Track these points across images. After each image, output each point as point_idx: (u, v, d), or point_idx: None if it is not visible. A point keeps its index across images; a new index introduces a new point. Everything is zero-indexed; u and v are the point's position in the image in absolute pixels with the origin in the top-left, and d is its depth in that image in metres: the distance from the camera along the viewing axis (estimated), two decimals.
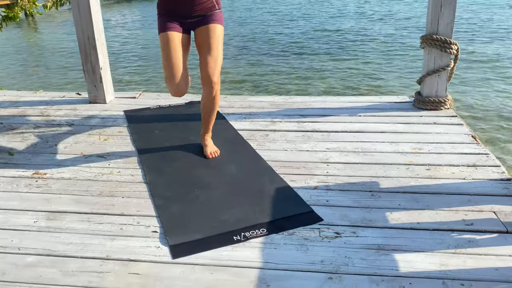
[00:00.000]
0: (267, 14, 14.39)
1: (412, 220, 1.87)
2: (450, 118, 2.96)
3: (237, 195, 2.11)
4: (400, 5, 14.66)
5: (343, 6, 15.04)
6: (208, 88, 2.38)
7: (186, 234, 1.82)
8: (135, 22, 14.42)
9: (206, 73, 2.33)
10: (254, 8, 15.65)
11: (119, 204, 2.07)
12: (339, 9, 14.76)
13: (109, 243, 1.78)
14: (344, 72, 7.87)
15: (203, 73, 2.35)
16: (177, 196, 2.13)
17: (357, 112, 3.14)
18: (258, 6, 15.85)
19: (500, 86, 6.47)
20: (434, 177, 2.22)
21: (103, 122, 3.12)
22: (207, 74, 2.32)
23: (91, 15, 3.24)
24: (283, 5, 15.95)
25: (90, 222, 1.93)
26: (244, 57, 9.46)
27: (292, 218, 1.91)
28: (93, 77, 3.42)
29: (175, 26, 2.31)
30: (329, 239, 1.76)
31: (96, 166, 2.46)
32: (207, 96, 2.43)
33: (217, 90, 2.41)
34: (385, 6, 14.81)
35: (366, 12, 14.03)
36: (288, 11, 14.49)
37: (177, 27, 2.32)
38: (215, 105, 2.49)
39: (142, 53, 9.90)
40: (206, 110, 2.53)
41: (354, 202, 2.01)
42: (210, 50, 2.33)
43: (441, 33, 2.96)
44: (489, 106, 5.48)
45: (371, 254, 1.66)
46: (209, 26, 2.34)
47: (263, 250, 1.71)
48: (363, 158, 2.44)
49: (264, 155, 2.52)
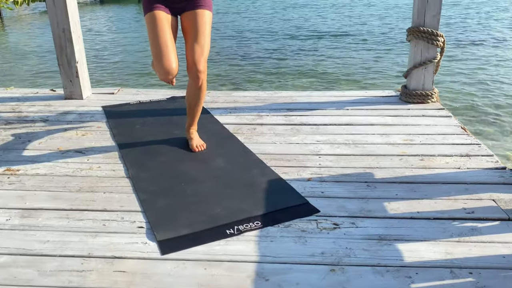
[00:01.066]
0: (247, 17, 14.38)
1: (412, 209, 1.80)
2: (438, 111, 2.93)
3: (227, 188, 2.00)
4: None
5: (324, 6, 15.27)
6: (193, 76, 2.24)
7: (175, 229, 1.70)
8: (109, 23, 14.14)
9: (192, 60, 2.19)
10: (233, 11, 15.65)
11: (100, 199, 1.92)
12: (320, 8, 14.97)
13: (91, 240, 1.64)
14: (327, 68, 7.89)
15: (189, 61, 2.21)
16: (163, 190, 2.00)
17: (344, 106, 3.08)
18: (239, 9, 15.87)
19: (483, 78, 6.59)
20: (429, 167, 2.16)
21: (80, 117, 2.96)
22: (193, 61, 2.19)
23: (67, 6, 3.08)
24: (263, 7, 16.00)
25: (69, 219, 1.78)
26: (225, 55, 9.37)
27: (287, 210, 1.81)
28: (68, 72, 3.25)
29: (162, 7, 2.20)
30: (328, 230, 1.67)
31: (74, 161, 2.31)
32: (192, 86, 2.30)
33: (204, 79, 2.27)
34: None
35: (346, 10, 14.22)
36: (268, 14, 14.54)
37: (164, 8, 2.20)
38: (201, 95, 2.36)
39: (118, 52, 9.68)
40: (191, 101, 2.40)
41: (350, 193, 1.93)
42: (197, 37, 2.20)
43: (427, 25, 2.93)
44: (472, 99, 5.54)
45: (373, 245, 1.58)
46: (196, 11, 2.23)
47: (259, 243, 1.61)
48: (354, 150, 2.37)
49: (253, 148, 2.42)
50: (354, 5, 15.38)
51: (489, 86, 6.34)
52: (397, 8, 14.42)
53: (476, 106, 5.27)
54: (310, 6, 15.57)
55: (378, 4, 15.21)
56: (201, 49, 2.20)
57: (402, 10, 13.96)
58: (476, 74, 7.10)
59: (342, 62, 8.30)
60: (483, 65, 7.40)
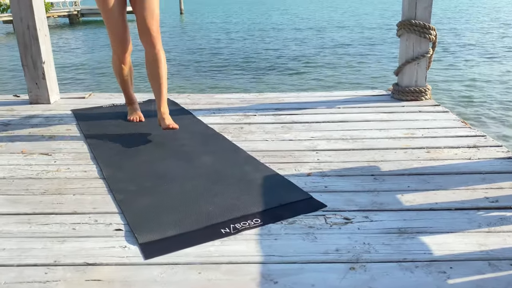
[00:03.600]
0: (233, 22, 14.36)
1: (429, 200, 1.59)
2: (434, 107, 2.79)
3: (218, 185, 1.75)
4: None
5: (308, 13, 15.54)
6: (148, 43, 2.21)
7: (160, 230, 1.43)
8: (79, 41, 13.81)
9: (143, 26, 2.17)
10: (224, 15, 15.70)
11: (69, 202, 1.64)
12: (305, 16, 15.17)
13: (57, 246, 1.35)
14: (311, 71, 7.84)
15: (140, 28, 2.19)
16: (143, 190, 1.73)
17: (335, 105, 2.90)
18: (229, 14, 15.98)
19: (467, 73, 6.61)
20: (437, 158, 1.98)
21: (46, 121, 2.66)
22: (146, 26, 2.17)
23: (32, 1, 2.81)
24: (251, 13, 16.19)
25: (31, 224, 1.48)
26: (210, 59, 9.20)
27: (289, 205, 1.57)
28: (34, 73, 2.96)
29: None
30: (339, 225, 1.44)
31: (38, 163, 2.01)
32: (150, 54, 2.24)
33: (160, 45, 2.24)
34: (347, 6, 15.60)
35: (331, 17, 14.43)
36: (254, 20, 14.59)
37: None
38: (161, 65, 2.26)
39: (88, 63, 9.36)
40: (152, 74, 2.28)
41: (357, 186, 1.72)
42: (145, 3, 2.16)
43: (419, 18, 2.81)
44: (462, 94, 5.51)
45: (394, 239, 1.36)
46: None
47: (260, 242, 1.36)
48: (354, 145, 2.17)
49: (243, 146, 2.19)
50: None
51: (476, 81, 6.35)
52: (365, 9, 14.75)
53: (467, 101, 5.22)
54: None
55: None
56: (151, 14, 2.17)
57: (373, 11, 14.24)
58: (461, 69, 7.13)
59: (328, 66, 8.29)
60: (464, 60, 7.48)
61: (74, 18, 23.50)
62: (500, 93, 5.79)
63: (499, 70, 7.30)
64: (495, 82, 6.40)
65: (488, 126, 4.65)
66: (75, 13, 23.60)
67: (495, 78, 6.70)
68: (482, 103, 5.37)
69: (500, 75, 6.85)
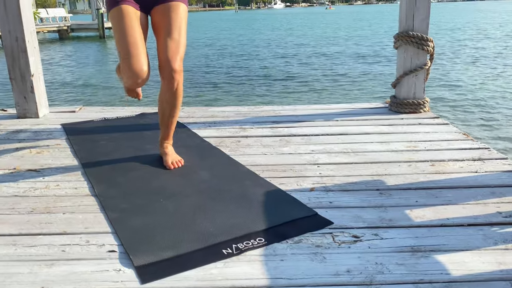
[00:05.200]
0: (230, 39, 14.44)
1: (440, 216, 1.52)
2: (434, 119, 2.74)
3: (216, 202, 1.66)
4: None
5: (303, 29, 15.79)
6: (168, 77, 1.87)
7: (156, 252, 1.33)
8: (69, 56, 13.72)
9: (165, 58, 1.84)
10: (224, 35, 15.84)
11: (59, 221, 1.53)
12: (300, 32, 15.42)
13: (45, 271, 1.24)
14: (302, 85, 7.85)
15: (162, 59, 1.86)
16: (137, 207, 1.63)
17: (333, 117, 2.84)
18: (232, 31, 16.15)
19: (463, 84, 6.63)
20: (443, 172, 1.91)
21: (35, 135, 2.55)
22: (167, 59, 1.84)
23: (21, 12, 2.73)
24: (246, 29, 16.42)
25: (16, 246, 1.38)
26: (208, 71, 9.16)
27: (294, 223, 1.49)
28: (22, 86, 2.86)
29: (131, 1, 1.88)
30: (348, 244, 1.36)
31: (25, 180, 1.90)
32: (167, 89, 1.93)
33: (180, 81, 1.91)
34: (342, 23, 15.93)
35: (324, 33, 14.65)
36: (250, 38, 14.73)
37: (133, 3, 1.89)
38: (177, 101, 1.97)
39: (78, 78, 9.26)
40: (165, 108, 2.01)
41: (363, 202, 1.64)
42: (171, 32, 1.87)
43: (416, 30, 2.78)
44: (457, 105, 5.51)
45: (407, 258, 1.28)
46: (169, 4, 1.91)
47: (266, 263, 1.27)
48: (355, 158, 2.10)
49: (241, 160, 2.10)
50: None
51: (473, 91, 6.36)
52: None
53: (464, 111, 5.22)
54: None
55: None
56: (176, 46, 1.87)
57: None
58: (455, 80, 7.16)
59: (324, 79, 8.32)
60: (459, 70, 7.55)
61: (64, 33, 23.40)
62: (499, 106, 5.81)
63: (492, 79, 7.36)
64: (491, 95, 6.44)
65: (487, 138, 4.63)
66: (65, 28, 23.51)
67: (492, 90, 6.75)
68: (479, 115, 5.38)
69: (493, 85, 6.91)
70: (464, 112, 5.62)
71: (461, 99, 6.38)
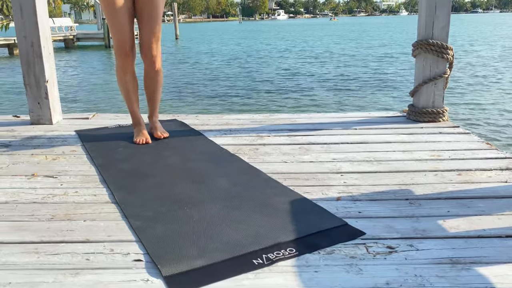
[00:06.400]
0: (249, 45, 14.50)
1: (475, 227, 1.46)
2: (454, 128, 2.69)
3: (239, 210, 1.61)
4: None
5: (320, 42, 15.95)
6: (149, 61, 2.37)
7: (184, 261, 1.28)
8: (75, 65, 13.78)
9: (148, 42, 2.32)
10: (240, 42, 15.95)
11: (80, 229, 1.49)
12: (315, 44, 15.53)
13: (70, 280, 1.19)
14: (320, 93, 7.84)
15: (145, 46, 2.34)
16: (161, 215, 1.58)
17: (350, 126, 2.80)
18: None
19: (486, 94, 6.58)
20: (471, 181, 1.86)
21: (49, 142, 2.52)
22: (150, 44, 2.32)
23: (37, 18, 2.71)
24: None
25: (39, 254, 1.33)
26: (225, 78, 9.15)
27: (324, 233, 1.43)
28: (36, 93, 2.83)
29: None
30: (383, 255, 1.30)
31: (43, 187, 1.86)
32: (149, 70, 2.42)
33: (160, 61, 2.42)
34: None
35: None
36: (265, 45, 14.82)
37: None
38: (159, 78, 2.47)
39: (86, 85, 9.26)
40: (150, 87, 2.49)
41: (394, 212, 1.58)
42: (152, 22, 2.29)
43: (436, 38, 2.75)
44: (476, 114, 5.46)
45: (447, 270, 1.22)
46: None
47: (300, 274, 1.21)
48: (379, 167, 2.05)
49: (261, 168, 2.06)
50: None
51: (487, 102, 6.29)
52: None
53: (480, 120, 5.16)
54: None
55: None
56: (156, 35, 2.34)
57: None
58: (468, 89, 7.11)
59: (342, 88, 8.33)
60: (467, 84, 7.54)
61: (69, 42, 23.57)
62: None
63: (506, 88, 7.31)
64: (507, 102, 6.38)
65: (509, 147, 4.57)
66: (70, 38, 23.68)
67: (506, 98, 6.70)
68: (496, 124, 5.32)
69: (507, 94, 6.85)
70: (480, 121, 5.56)
71: (478, 108, 6.32)
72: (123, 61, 2.34)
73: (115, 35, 2.27)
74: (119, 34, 2.26)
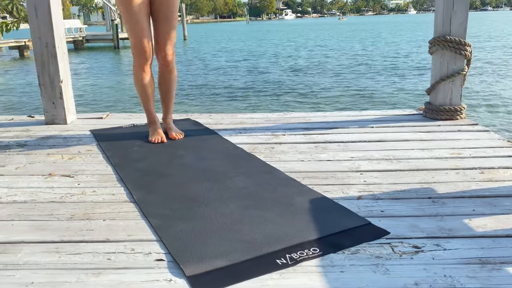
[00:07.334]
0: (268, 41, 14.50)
1: (503, 226, 1.43)
2: (473, 126, 2.64)
3: (259, 209, 1.58)
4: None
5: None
6: (164, 62, 2.38)
7: (207, 261, 1.26)
8: (85, 66, 13.87)
9: (163, 43, 2.33)
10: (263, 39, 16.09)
11: (100, 228, 1.47)
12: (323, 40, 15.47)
13: (92, 280, 1.18)
14: (336, 91, 7.83)
15: (160, 48, 2.35)
16: (179, 214, 1.56)
17: (366, 124, 2.76)
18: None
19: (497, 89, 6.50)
20: (495, 179, 1.82)
21: (65, 141, 2.52)
22: (165, 45, 2.33)
23: (52, 18, 2.72)
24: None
25: (60, 254, 1.32)
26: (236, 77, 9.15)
27: (348, 232, 1.41)
28: (51, 93, 2.84)
29: None
30: (410, 255, 1.27)
31: (61, 186, 1.85)
32: (164, 71, 2.44)
33: (174, 62, 2.42)
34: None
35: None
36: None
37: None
38: (174, 78, 2.48)
39: (98, 86, 9.31)
40: (164, 87, 2.49)
41: (417, 211, 1.55)
42: (168, 24, 2.30)
43: (454, 34, 2.70)
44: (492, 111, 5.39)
45: (478, 270, 1.19)
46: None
47: (325, 275, 1.19)
48: (399, 165, 2.02)
49: (278, 167, 2.03)
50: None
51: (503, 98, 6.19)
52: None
53: (498, 118, 5.09)
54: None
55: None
56: (171, 37, 2.35)
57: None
58: (483, 87, 7.01)
59: (356, 86, 8.29)
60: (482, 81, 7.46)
61: (79, 43, 23.75)
62: None
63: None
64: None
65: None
66: (80, 39, 23.86)
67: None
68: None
69: None
70: (498, 118, 5.48)
71: (494, 105, 6.23)
72: (143, 60, 2.34)
73: (135, 35, 2.27)
74: (139, 33, 2.26)
